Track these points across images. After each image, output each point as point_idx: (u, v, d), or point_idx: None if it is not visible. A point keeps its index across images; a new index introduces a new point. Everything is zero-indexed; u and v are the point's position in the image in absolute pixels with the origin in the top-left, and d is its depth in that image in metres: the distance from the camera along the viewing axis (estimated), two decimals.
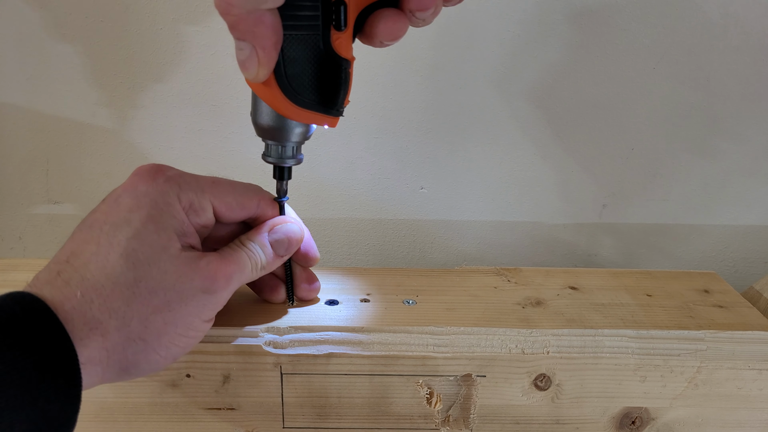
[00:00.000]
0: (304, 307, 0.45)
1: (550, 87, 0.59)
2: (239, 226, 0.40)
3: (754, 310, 0.47)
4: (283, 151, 0.37)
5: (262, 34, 0.28)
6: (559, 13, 0.56)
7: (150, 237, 0.31)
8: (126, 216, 0.32)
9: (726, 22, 0.57)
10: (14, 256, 0.67)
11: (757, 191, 0.64)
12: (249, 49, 0.28)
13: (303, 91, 0.32)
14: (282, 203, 0.41)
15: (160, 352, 0.32)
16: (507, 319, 0.44)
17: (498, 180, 0.64)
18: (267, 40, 0.28)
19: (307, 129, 0.37)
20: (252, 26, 0.28)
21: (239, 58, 0.29)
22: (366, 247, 0.68)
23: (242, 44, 0.28)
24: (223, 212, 0.36)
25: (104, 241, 0.31)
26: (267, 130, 0.36)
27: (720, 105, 0.60)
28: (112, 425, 0.44)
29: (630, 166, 0.63)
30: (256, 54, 0.29)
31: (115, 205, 0.33)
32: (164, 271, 0.31)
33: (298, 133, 0.36)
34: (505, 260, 0.68)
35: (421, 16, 0.30)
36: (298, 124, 0.36)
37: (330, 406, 0.44)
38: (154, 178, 0.34)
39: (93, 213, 0.34)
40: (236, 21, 0.27)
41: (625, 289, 0.50)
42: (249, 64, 0.29)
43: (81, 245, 0.31)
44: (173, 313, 0.32)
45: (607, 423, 0.46)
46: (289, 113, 0.32)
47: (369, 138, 0.62)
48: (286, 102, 0.32)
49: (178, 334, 0.33)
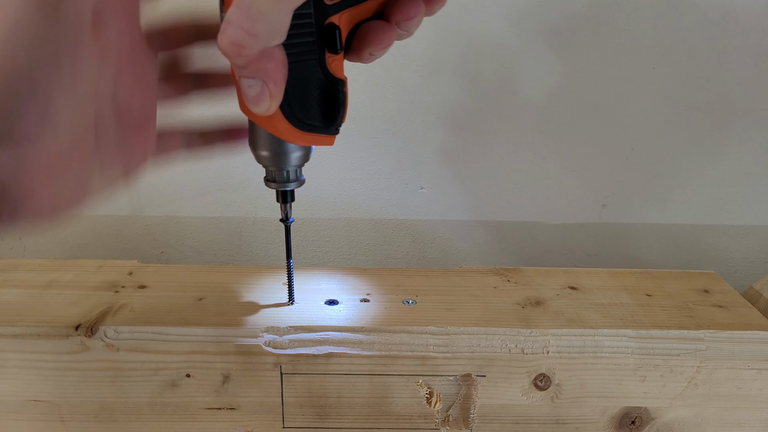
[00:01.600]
0: (304, 307, 0.45)
1: (550, 87, 0.59)
2: None
3: (753, 310, 0.47)
4: (286, 175, 0.38)
5: (273, 69, 0.28)
6: (558, 14, 0.56)
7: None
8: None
9: (726, 22, 0.57)
10: (14, 256, 0.67)
11: (757, 191, 0.64)
12: (259, 85, 0.28)
13: (305, 116, 0.32)
14: (288, 225, 0.42)
15: None
16: (507, 319, 0.44)
17: (498, 180, 0.64)
18: (278, 74, 0.29)
19: (308, 151, 0.38)
20: (264, 64, 0.28)
21: (249, 95, 0.29)
22: (366, 247, 0.68)
23: (251, 81, 0.28)
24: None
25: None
26: (268, 157, 0.37)
27: (720, 105, 0.60)
28: (112, 425, 0.44)
29: (630, 166, 0.63)
30: (268, 89, 0.29)
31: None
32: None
33: (299, 157, 0.37)
34: (505, 260, 0.68)
35: (406, 27, 0.31)
36: (299, 148, 0.37)
37: (330, 406, 0.44)
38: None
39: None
40: (247, 62, 0.27)
41: (624, 289, 0.50)
42: (260, 99, 0.29)
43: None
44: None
45: (606, 423, 0.46)
46: (292, 138, 0.33)
47: (369, 138, 0.62)
48: (289, 128, 0.32)
49: None
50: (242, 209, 0.65)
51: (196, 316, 0.43)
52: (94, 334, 0.41)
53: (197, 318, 0.43)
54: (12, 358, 0.42)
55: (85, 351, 0.42)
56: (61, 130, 0.26)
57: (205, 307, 0.44)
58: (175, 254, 0.67)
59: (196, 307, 0.44)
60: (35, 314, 0.43)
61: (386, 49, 0.32)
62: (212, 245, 0.67)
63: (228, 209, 0.65)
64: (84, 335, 0.41)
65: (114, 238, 0.66)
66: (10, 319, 0.42)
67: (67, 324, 0.42)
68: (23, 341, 0.41)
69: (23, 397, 0.43)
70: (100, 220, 0.66)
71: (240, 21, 0.26)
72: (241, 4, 0.25)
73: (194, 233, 0.66)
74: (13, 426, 0.44)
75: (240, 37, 0.26)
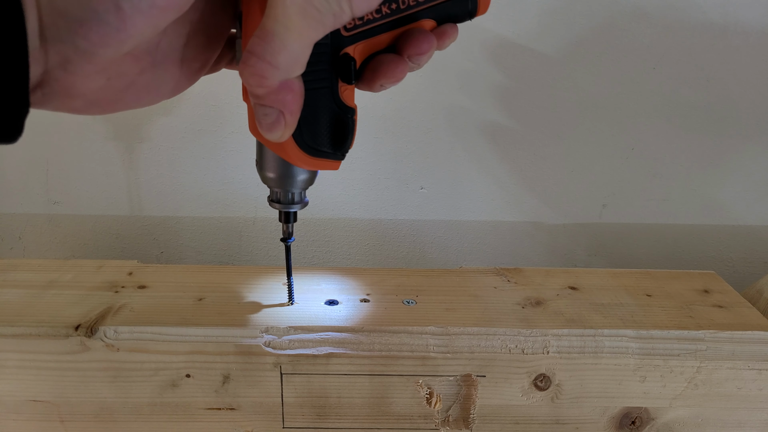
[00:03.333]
0: (304, 307, 0.45)
1: (550, 87, 0.59)
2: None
3: (754, 310, 0.47)
4: (291, 197, 0.38)
5: (291, 101, 0.28)
6: (558, 14, 0.56)
7: None
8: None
9: (726, 22, 0.57)
10: (14, 256, 0.67)
11: (757, 191, 0.64)
12: (276, 114, 0.29)
13: (315, 142, 0.33)
14: (288, 246, 0.43)
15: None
16: (507, 319, 0.44)
17: (498, 180, 0.64)
18: (295, 105, 0.29)
19: (314, 175, 0.38)
20: (283, 95, 0.28)
21: (264, 122, 0.29)
22: (366, 247, 0.68)
23: (268, 110, 0.28)
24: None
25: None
26: (274, 179, 0.37)
27: (720, 105, 0.60)
28: (112, 425, 0.44)
29: (630, 166, 0.63)
30: (284, 118, 0.29)
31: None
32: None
33: (305, 180, 0.38)
34: (505, 260, 0.68)
35: (417, 61, 0.32)
36: (306, 171, 0.37)
37: (330, 406, 0.44)
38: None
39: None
40: (267, 92, 0.28)
41: (624, 289, 0.50)
42: (275, 127, 0.29)
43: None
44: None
45: (606, 423, 0.46)
46: (300, 163, 0.34)
47: (369, 138, 0.62)
48: (299, 153, 0.33)
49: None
50: (242, 209, 0.65)
51: (196, 316, 0.43)
52: (94, 334, 0.41)
53: (197, 318, 0.43)
54: (12, 358, 0.42)
55: (85, 351, 0.42)
56: (124, 49, 0.25)
57: (205, 307, 0.44)
58: (175, 254, 0.67)
59: (196, 307, 0.44)
60: (35, 314, 0.43)
61: (398, 83, 0.32)
62: (212, 245, 0.67)
63: (228, 209, 0.65)
64: (84, 335, 0.41)
65: (114, 238, 0.66)
66: (10, 319, 0.42)
67: (67, 324, 0.42)
68: (23, 341, 0.41)
69: (23, 397, 0.43)
70: (100, 220, 0.66)
71: (262, 52, 0.26)
72: (264, 35, 0.25)
73: (194, 233, 0.66)
74: (13, 426, 0.44)
75: (262, 69, 0.26)
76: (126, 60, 0.27)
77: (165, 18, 0.25)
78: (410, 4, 0.31)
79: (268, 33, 0.25)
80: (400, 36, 0.32)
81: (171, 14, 0.25)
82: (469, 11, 0.33)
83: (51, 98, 0.26)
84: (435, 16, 0.32)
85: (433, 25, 0.32)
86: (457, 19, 0.33)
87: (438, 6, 0.32)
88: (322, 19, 0.26)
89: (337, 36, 0.30)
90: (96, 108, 0.29)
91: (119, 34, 0.24)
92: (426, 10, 0.32)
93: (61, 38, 0.24)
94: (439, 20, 0.33)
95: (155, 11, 0.24)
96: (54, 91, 0.26)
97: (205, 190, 0.64)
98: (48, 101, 0.26)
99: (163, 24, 0.26)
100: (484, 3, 0.33)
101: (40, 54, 0.24)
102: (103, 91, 0.28)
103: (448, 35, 0.33)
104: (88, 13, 0.23)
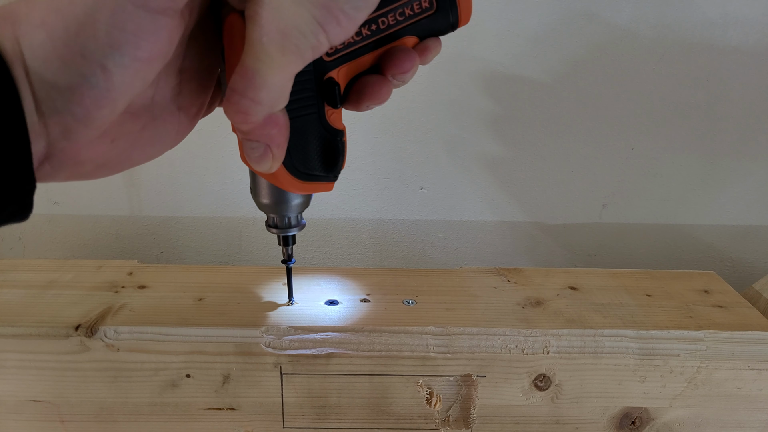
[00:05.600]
0: (304, 307, 0.45)
1: (550, 87, 0.59)
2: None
3: (753, 311, 0.47)
4: (287, 221, 0.39)
5: (276, 134, 0.29)
6: (558, 14, 0.56)
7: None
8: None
9: (726, 22, 0.57)
10: (14, 256, 0.67)
11: (757, 191, 0.64)
12: (262, 148, 0.29)
13: (305, 167, 0.33)
14: (289, 267, 0.43)
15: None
16: (507, 319, 0.44)
17: (498, 180, 0.64)
18: (281, 138, 0.29)
19: (308, 198, 0.39)
20: (268, 130, 0.28)
21: (252, 156, 0.29)
22: (366, 247, 0.68)
23: (254, 144, 0.29)
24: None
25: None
26: (269, 205, 0.38)
27: (720, 105, 0.60)
28: (112, 425, 0.44)
29: (630, 166, 0.63)
30: (270, 151, 0.29)
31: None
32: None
33: (300, 204, 0.38)
34: (505, 260, 0.68)
35: (401, 79, 0.32)
36: (300, 195, 0.37)
37: (330, 406, 0.44)
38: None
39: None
40: (252, 128, 0.28)
41: (624, 289, 0.50)
42: (263, 160, 0.29)
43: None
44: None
45: (606, 423, 0.46)
46: (292, 189, 0.34)
47: (369, 138, 0.62)
48: (290, 179, 0.33)
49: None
50: (242, 209, 0.65)
51: (196, 316, 0.43)
52: (94, 334, 0.41)
53: (197, 318, 0.43)
54: (12, 358, 0.42)
55: (85, 351, 0.42)
56: (119, 108, 0.25)
57: (205, 307, 0.44)
58: (175, 254, 0.67)
59: (196, 307, 0.44)
60: (35, 314, 0.43)
61: (383, 103, 0.33)
62: (212, 245, 0.67)
63: (228, 209, 0.65)
64: (84, 335, 0.41)
65: (114, 238, 0.66)
66: (10, 319, 0.42)
67: (67, 324, 0.42)
68: (23, 341, 0.41)
69: (23, 398, 0.43)
70: (100, 220, 0.66)
71: (244, 89, 0.26)
72: (244, 72, 0.25)
73: (194, 233, 0.66)
74: (13, 426, 0.44)
75: (245, 106, 0.26)
76: (126, 119, 0.28)
77: (151, 69, 0.25)
78: (390, 23, 0.31)
79: (249, 70, 0.25)
80: (383, 55, 0.32)
81: (156, 64, 0.25)
82: (451, 24, 0.33)
83: (59, 169, 0.26)
84: (417, 33, 0.32)
85: (415, 41, 0.32)
86: (439, 33, 0.33)
87: (419, 22, 0.32)
88: (301, 52, 0.25)
89: (319, 61, 0.30)
90: (105, 170, 0.29)
91: (110, 93, 0.24)
92: (407, 28, 0.32)
93: (57, 109, 0.24)
94: (422, 36, 0.32)
95: (138, 64, 0.24)
96: (61, 161, 0.26)
97: (205, 190, 0.64)
98: (57, 173, 0.26)
99: (151, 75, 0.26)
100: (466, 13, 0.33)
101: (41, 128, 0.24)
102: (109, 153, 0.28)
103: (431, 50, 0.33)
104: (76, 79, 0.24)
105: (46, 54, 0.23)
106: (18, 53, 0.23)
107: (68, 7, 0.23)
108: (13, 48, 0.23)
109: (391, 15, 0.31)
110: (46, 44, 0.23)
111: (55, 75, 0.23)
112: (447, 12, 0.32)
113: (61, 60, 0.23)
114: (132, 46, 0.24)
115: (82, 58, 0.23)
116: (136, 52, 0.24)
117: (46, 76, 0.23)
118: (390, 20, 0.31)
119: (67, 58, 0.23)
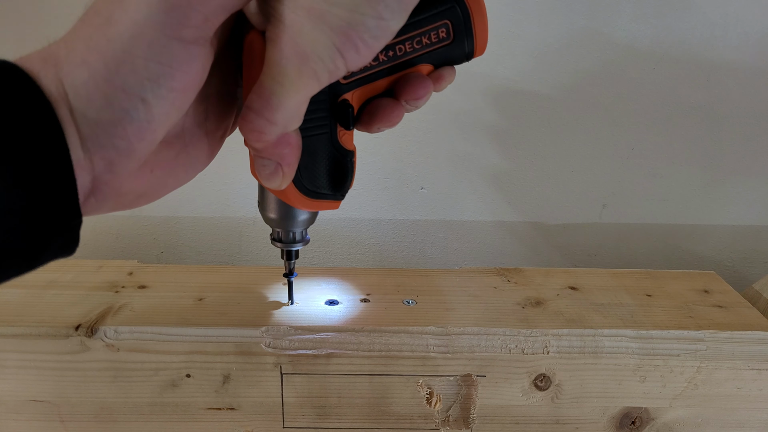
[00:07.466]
0: (304, 307, 0.45)
1: (550, 87, 0.59)
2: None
3: (753, 310, 0.47)
4: (292, 236, 0.39)
5: (288, 154, 0.29)
6: (558, 14, 0.56)
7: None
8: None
9: (726, 22, 0.57)
10: None
11: (757, 191, 0.64)
12: (274, 165, 0.29)
13: (314, 185, 0.34)
14: (291, 281, 0.44)
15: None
16: (507, 319, 0.44)
17: (498, 180, 0.64)
18: (293, 157, 0.30)
19: (315, 215, 0.39)
20: (281, 149, 0.29)
21: (263, 173, 0.30)
22: (366, 248, 0.68)
23: (266, 161, 0.29)
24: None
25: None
26: (276, 220, 0.38)
27: (720, 105, 0.60)
28: (112, 425, 0.44)
29: (630, 166, 0.63)
30: (281, 170, 0.30)
31: None
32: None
33: (306, 220, 0.38)
34: (505, 260, 0.68)
35: (414, 104, 0.32)
36: (307, 212, 0.38)
37: (330, 406, 0.44)
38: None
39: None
40: (265, 146, 0.28)
41: (624, 289, 0.50)
42: (273, 177, 0.30)
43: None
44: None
45: (607, 423, 0.46)
46: (300, 205, 0.34)
47: (369, 138, 0.62)
48: (299, 196, 0.33)
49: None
50: (242, 209, 0.65)
51: (196, 316, 0.43)
52: (94, 334, 0.41)
53: (197, 318, 0.43)
54: (12, 358, 0.42)
55: (85, 351, 0.42)
56: (158, 139, 0.26)
57: (205, 307, 0.44)
58: (175, 254, 0.67)
59: (196, 307, 0.44)
60: (35, 314, 0.43)
61: (394, 126, 0.33)
62: (212, 245, 0.67)
63: (228, 209, 0.65)
64: (84, 335, 0.41)
65: (114, 238, 0.66)
66: (10, 319, 0.42)
67: (67, 324, 0.42)
68: (23, 341, 0.41)
69: (23, 397, 0.43)
70: (100, 220, 0.66)
71: (260, 109, 0.26)
72: (261, 92, 0.26)
73: (194, 233, 0.66)
74: (13, 426, 0.44)
75: (260, 125, 0.27)
76: (162, 149, 0.28)
77: (186, 98, 0.26)
78: (407, 50, 0.31)
79: (266, 90, 0.26)
80: (397, 80, 0.32)
81: (190, 93, 0.26)
82: (466, 54, 0.33)
83: (104, 202, 0.27)
84: (433, 61, 0.32)
85: (430, 69, 0.33)
86: (454, 62, 0.33)
87: (436, 51, 0.32)
88: (318, 76, 0.26)
89: (335, 84, 0.31)
90: (144, 199, 0.30)
91: (151, 125, 0.25)
92: (424, 56, 0.32)
93: (102, 144, 0.25)
94: (437, 64, 0.33)
95: (175, 94, 0.25)
96: (105, 194, 0.27)
97: (205, 190, 0.64)
98: (101, 205, 0.27)
99: (186, 104, 0.26)
100: (482, 44, 0.33)
101: (86, 163, 0.25)
102: (148, 182, 0.29)
103: (445, 78, 0.33)
104: (119, 114, 0.24)
105: (89, 93, 0.24)
106: (62, 94, 0.24)
107: (106, 44, 0.24)
108: (57, 90, 0.24)
109: (408, 43, 0.31)
110: (88, 83, 0.24)
111: (99, 112, 0.24)
112: (463, 42, 0.32)
113: (103, 97, 0.24)
114: (168, 77, 0.25)
115: (123, 92, 0.24)
116: (172, 83, 0.25)
117: (90, 114, 0.24)
118: (407, 48, 0.31)
119: (109, 94, 0.24)
